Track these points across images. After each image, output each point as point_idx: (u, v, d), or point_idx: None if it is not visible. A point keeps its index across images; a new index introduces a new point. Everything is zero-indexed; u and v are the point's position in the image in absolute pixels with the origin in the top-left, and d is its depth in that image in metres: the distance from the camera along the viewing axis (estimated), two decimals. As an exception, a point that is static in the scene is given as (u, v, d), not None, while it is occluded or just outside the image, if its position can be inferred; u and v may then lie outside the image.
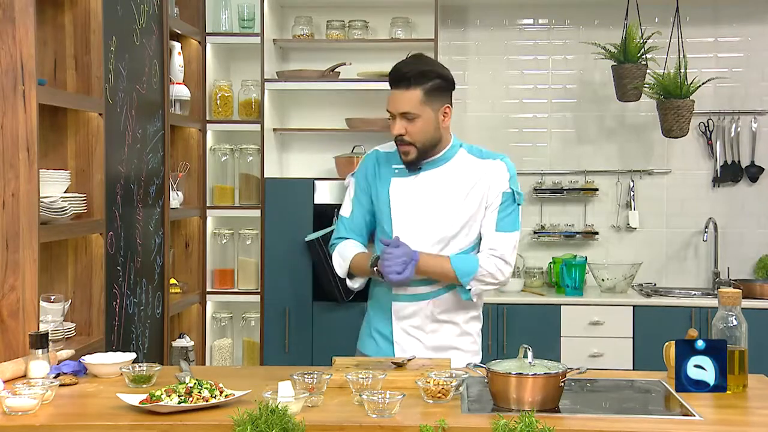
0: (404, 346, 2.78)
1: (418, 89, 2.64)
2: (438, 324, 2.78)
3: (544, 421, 1.99)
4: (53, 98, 2.90)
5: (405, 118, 2.65)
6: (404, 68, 2.66)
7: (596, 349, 4.45)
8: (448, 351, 2.78)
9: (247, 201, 4.71)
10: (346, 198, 2.88)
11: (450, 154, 2.76)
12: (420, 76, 2.65)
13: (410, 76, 2.64)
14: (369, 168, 2.82)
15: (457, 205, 2.70)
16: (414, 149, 2.68)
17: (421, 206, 2.72)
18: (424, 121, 2.66)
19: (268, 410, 1.97)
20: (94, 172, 3.17)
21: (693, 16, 4.85)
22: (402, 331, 2.79)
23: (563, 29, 5.00)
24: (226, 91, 4.71)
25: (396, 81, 2.66)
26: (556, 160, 5.00)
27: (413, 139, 2.67)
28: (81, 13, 3.14)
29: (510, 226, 2.71)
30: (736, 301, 2.46)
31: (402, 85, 2.65)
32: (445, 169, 2.74)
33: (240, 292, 4.68)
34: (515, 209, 2.73)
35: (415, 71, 2.65)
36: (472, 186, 2.71)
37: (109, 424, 2.11)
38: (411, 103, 2.64)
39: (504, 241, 2.69)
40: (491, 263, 2.68)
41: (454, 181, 2.72)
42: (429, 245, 2.71)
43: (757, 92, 4.91)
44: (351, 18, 4.76)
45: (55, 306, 2.92)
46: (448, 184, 2.72)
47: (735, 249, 4.91)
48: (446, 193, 2.72)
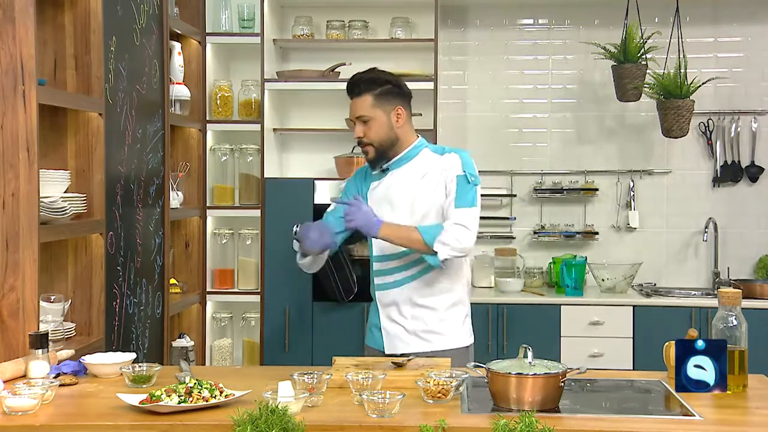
0: (390, 332, 3.00)
1: (368, 95, 2.97)
2: (418, 309, 2.97)
3: (544, 421, 1.99)
4: (53, 98, 2.90)
5: (361, 122, 2.98)
6: (355, 78, 3.02)
7: (596, 349, 4.45)
8: (431, 335, 2.97)
9: (247, 201, 4.71)
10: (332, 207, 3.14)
11: (413, 153, 3.03)
12: (369, 83, 2.98)
13: (360, 84, 2.99)
14: (358, 176, 3.16)
15: (422, 197, 2.95)
16: (372, 148, 2.98)
17: (392, 201, 2.99)
18: (377, 123, 2.97)
19: (268, 410, 1.97)
20: (94, 172, 3.17)
21: (693, 16, 4.85)
22: (387, 318, 3.02)
23: (563, 29, 5.00)
24: (226, 91, 4.71)
25: (349, 90, 3.01)
26: (556, 160, 5.00)
27: (370, 140, 2.97)
28: (81, 13, 3.14)
29: (468, 203, 2.89)
30: (736, 301, 2.47)
31: (354, 93, 2.99)
32: (409, 166, 3.01)
33: (240, 292, 4.69)
34: (471, 188, 2.91)
35: (364, 79, 2.99)
36: (429, 179, 2.96)
37: (109, 424, 2.11)
38: (363, 107, 2.97)
39: (463, 214, 2.87)
40: (454, 229, 2.85)
41: (418, 176, 2.98)
42: None
43: (757, 92, 4.91)
44: (351, 18, 4.76)
45: (55, 306, 2.92)
46: (413, 179, 2.98)
47: (735, 249, 4.91)
48: (412, 188, 2.97)
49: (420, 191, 2.94)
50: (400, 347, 2.97)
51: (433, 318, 2.97)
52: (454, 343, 2.97)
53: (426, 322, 2.96)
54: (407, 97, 3.04)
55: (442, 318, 2.98)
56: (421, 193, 2.94)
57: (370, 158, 3.00)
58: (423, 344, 2.95)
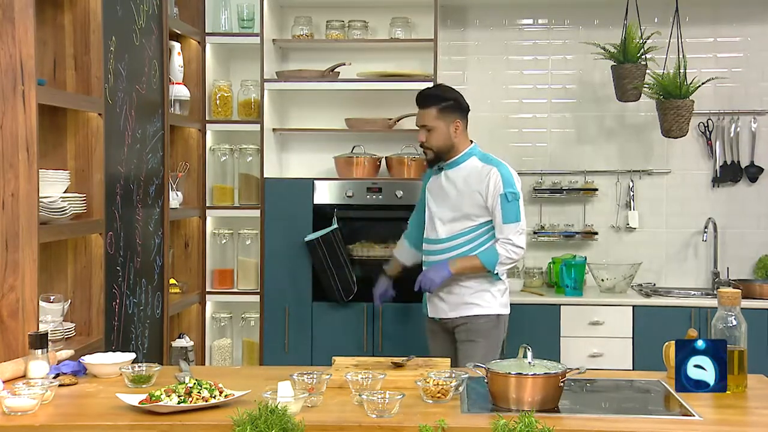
0: (432, 300, 3.65)
1: (433, 108, 3.58)
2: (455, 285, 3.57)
3: (543, 421, 1.99)
4: (53, 98, 2.90)
5: (425, 129, 3.60)
6: (425, 92, 3.66)
7: (596, 349, 4.45)
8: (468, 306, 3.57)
9: (247, 201, 4.71)
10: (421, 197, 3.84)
11: (464, 158, 3.62)
12: (435, 98, 3.61)
13: (429, 98, 3.62)
14: (426, 173, 3.81)
15: (459, 197, 3.59)
16: (431, 152, 3.63)
17: (441, 195, 3.64)
18: (438, 132, 3.59)
19: (267, 410, 1.97)
20: (93, 172, 3.17)
21: (692, 16, 4.85)
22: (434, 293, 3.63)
23: (563, 29, 5.00)
24: (225, 91, 4.71)
25: (418, 102, 3.64)
26: (555, 160, 5.00)
27: (430, 145, 3.61)
28: (80, 13, 3.14)
29: (513, 218, 3.53)
30: (736, 302, 2.47)
31: (422, 104, 3.62)
32: (459, 169, 3.62)
33: (239, 292, 4.68)
34: (513, 204, 3.53)
35: (432, 94, 3.64)
36: (471, 185, 3.58)
37: (108, 424, 2.11)
38: (429, 118, 3.59)
39: (509, 229, 3.52)
40: (505, 248, 3.52)
41: (461, 179, 3.60)
42: (440, 224, 3.61)
43: (757, 92, 4.91)
44: (350, 18, 4.76)
45: (55, 306, 2.92)
46: (457, 181, 3.61)
47: (734, 249, 4.91)
48: (454, 188, 3.60)
49: (463, 194, 3.57)
50: (438, 313, 3.63)
51: (466, 294, 3.57)
52: (483, 310, 3.56)
53: (459, 297, 3.57)
54: (465, 111, 3.64)
55: (474, 291, 3.57)
56: (464, 196, 3.56)
57: (428, 159, 3.65)
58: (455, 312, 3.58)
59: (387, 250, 4.47)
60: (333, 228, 4.38)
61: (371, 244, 4.49)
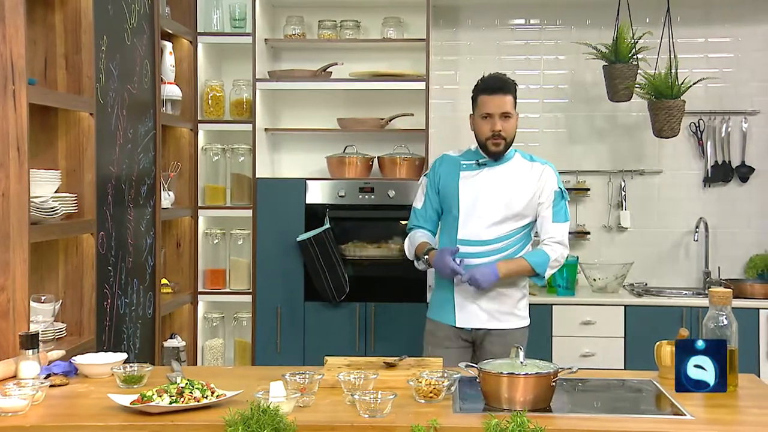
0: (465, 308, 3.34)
1: (511, 95, 3.34)
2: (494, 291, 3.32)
3: (535, 420, 1.99)
4: (44, 98, 2.89)
5: (503, 117, 3.31)
6: (502, 77, 3.37)
7: (588, 349, 4.46)
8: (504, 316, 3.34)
9: (239, 201, 4.70)
10: (419, 193, 3.52)
11: (510, 155, 3.41)
12: (512, 85, 3.37)
13: (508, 83, 3.35)
14: (438, 167, 3.47)
15: (513, 196, 3.33)
16: (504, 143, 3.34)
17: (483, 194, 3.34)
18: (514, 121, 3.36)
19: (259, 410, 1.97)
20: (84, 172, 3.16)
21: (684, 17, 4.86)
22: (463, 296, 3.34)
23: (555, 29, 5.00)
24: (217, 90, 4.71)
25: (498, 87, 3.32)
26: (547, 159, 4.99)
27: (507, 134, 3.33)
28: (71, 13, 3.12)
29: (563, 218, 3.37)
30: (727, 301, 2.47)
31: (503, 90, 3.32)
32: (504, 167, 3.39)
33: (232, 292, 4.68)
34: (564, 204, 3.39)
35: (509, 80, 3.37)
36: (524, 183, 3.36)
37: (100, 425, 2.10)
38: (509, 105, 3.33)
39: (560, 230, 3.35)
40: (555, 250, 3.33)
41: (511, 177, 3.37)
42: (486, 225, 3.32)
43: (748, 92, 4.93)
44: (343, 18, 4.76)
45: (46, 306, 2.91)
46: (507, 179, 3.36)
47: (726, 249, 4.93)
48: (504, 186, 3.35)
49: (517, 192, 3.33)
50: (472, 323, 3.34)
51: (508, 301, 3.35)
52: (519, 323, 3.38)
53: (502, 303, 3.34)
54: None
55: (515, 300, 3.37)
56: (518, 195, 3.33)
57: (499, 150, 3.33)
58: (493, 323, 3.33)
59: (379, 250, 4.47)
60: (325, 228, 4.38)
61: (363, 244, 4.49)
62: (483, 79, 3.39)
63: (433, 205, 3.46)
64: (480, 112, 3.33)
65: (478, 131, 3.36)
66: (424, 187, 3.50)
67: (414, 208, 3.52)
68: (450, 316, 3.37)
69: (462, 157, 3.45)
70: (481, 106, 3.33)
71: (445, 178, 3.42)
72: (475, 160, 3.39)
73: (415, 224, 3.51)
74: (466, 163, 3.41)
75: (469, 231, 3.32)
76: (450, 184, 3.40)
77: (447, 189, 3.41)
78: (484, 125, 3.32)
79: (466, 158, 3.43)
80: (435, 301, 3.48)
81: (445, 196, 3.42)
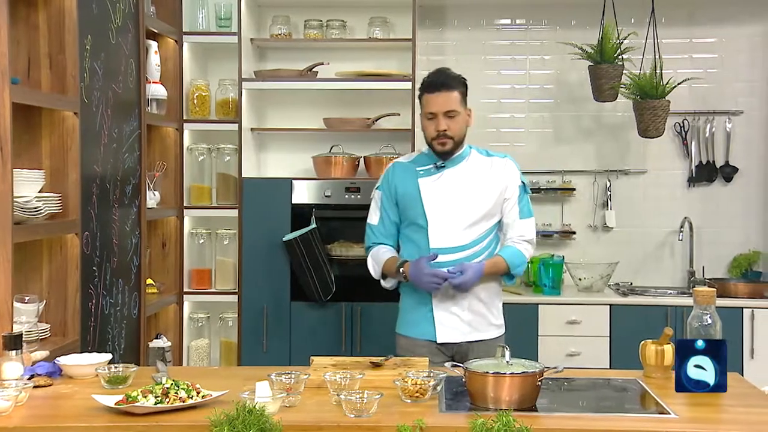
0: (444, 322, 3.16)
1: (457, 91, 3.14)
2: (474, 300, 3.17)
3: (521, 420, 1.99)
4: (27, 97, 2.87)
5: (448, 116, 3.12)
6: (443, 73, 3.17)
7: (573, 348, 4.48)
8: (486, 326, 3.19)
9: (225, 201, 4.69)
10: (373, 207, 3.32)
11: (466, 153, 3.23)
12: (457, 81, 3.17)
13: (451, 80, 3.15)
14: (392, 178, 3.26)
15: (480, 195, 3.17)
16: (452, 142, 3.14)
17: (449, 198, 3.16)
18: (461, 119, 3.16)
19: (245, 410, 1.97)
20: (69, 171, 3.14)
21: (668, 17, 4.89)
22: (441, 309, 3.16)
23: (540, 29, 5.02)
24: (203, 90, 4.69)
25: (440, 84, 3.12)
26: (533, 159, 5.01)
27: (453, 134, 3.13)
28: (55, 12, 3.10)
29: (529, 213, 3.24)
30: (711, 300, 2.49)
31: (446, 87, 3.12)
32: (463, 166, 3.21)
33: (217, 292, 4.66)
34: (527, 199, 3.25)
35: (452, 76, 3.17)
36: (489, 179, 3.19)
37: (84, 426, 2.09)
38: (454, 102, 3.12)
39: (528, 227, 3.23)
40: (528, 249, 3.23)
41: (474, 176, 3.19)
42: (459, 230, 3.14)
43: (731, 93, 4.96)
44: (329, 17, 4.75)
45: (30, 307, 2.89)
46: (469, 178, 3.19)
47: (710, 248, 4.96)
48: (469, 186, 3.17)
49: (483, 191, 3.17)
50: (454, 337, 3.16)
51: (489, 308, 3.21)
52: (499, 331, 3.25)
53: (482, 313, 3.19)
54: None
55: (495, 308, 3.24)
56: (485, 193, 3.17)
57: (446, 150, 3.14)
58: (475, 334, 3.17)
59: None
60: (311, 228, 4.38)
61: (349, 243, 4.48)
62: (426, 76, 3.19)
63: (391, 219, 3.25)
64: (425, 112, 3.15)
65: (425, 131, 3.17)
66: (378, 200, 3.28)
67: (369, 225, 3.30)
68: (429, 330, 3.16)
69: (415, 162, 3.24)
70: (425, 105, 3.14)
71: (403, 187, 3.20)
72: (432, 164, 3.19)
73: (375, 241, 3.29)
74: (422, 168, 3.20)
75: (441, 239, 3.12)
76: (409, 193, 3.19)
77: (407, 199, 3.19)
78: (430, 125, 3.13)
79: (421, 163, 3.22)
80: (408, 315, 3.24)
81: (407, 207, 3.20)
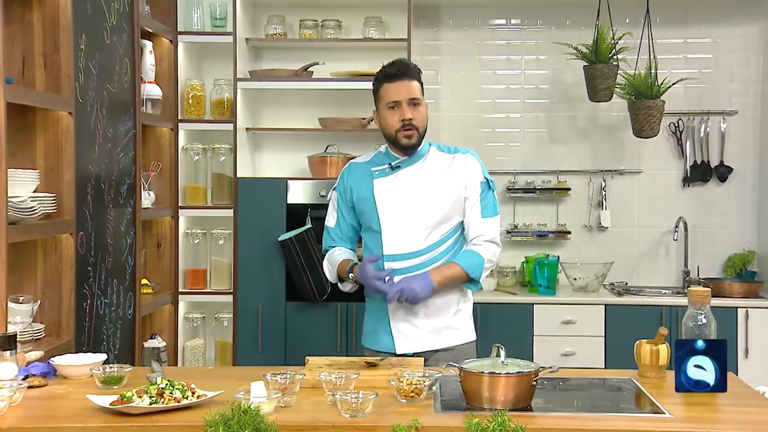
0: (403, 331, 2.95)
1: (417, 81, 2.94)
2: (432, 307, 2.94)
3: (516, 419, 1.99)
4: (21, 97, 2.86)
5: (412, 104, 2.92)
6: (404, 62, 2.99)
7: (568, 348, 4.48)
8: (446, 331, 2.96)
9: (220, 201, 4.68)
10: (330, 209, 3.11)
11: (423, 151, 3.01)
12: (417, 70, 2.97)
13: (411, 68, 2.95)
14: (347, 179, 3.05)
15: (438, 196, 2.94)
16: (417, 134, 2.93)
17: (405, 200, 2.94)
18: (424, 109, 2.96)
19: (240, 410, 1.96)
20: (63, 171, 3.14)
21: (663, 18, 4.89)
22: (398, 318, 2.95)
23: (536, 30, 5.02)
24: (198, 90, 4.68)
25: (402, 73, 2.92)
26: (528, 159, 5.02)
27: (418, 124, 2.93)
28: (50, 11, 3.10)
29: (492, 211, 2.98)
30: (706, 300, 2.49)
31: (408, 75, 2.92)
32: (421, 165, 2.99)
33: (212, 292, 4.66)
34: (492, 195, 2.99)
35: (412, 65, 2.98)
36: (448, 178, 2.96)
37: (79, 426, 2.09)
38: (417, 90, 2.93)
39: (490, 226, 2.96)
40: (487, 249, 2.94)
41: (432, 175, 2.96)
42: (416, 233, 2.93)
43: (726, 93, 4.97)
44: (324, 17, 4.75)
45: (24, 307, 2.88)
46: (427, 178, 2.96)
47: (705, 248, 4.97)
48: (426, 187, 2.95)
49: (441, 191, 2.93)
50: (413, 347, 2.93)
51: (447, 314, 2.97)
52: (465, 337, 3.00)
53: (440, 319, 2.95)
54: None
55: (453, 312, 2.98)
56: (443, 194, 2.93)
57: (412, 143, 2.93)
58: (438, 341, 2.94)
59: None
60: (306, 228, 4.38)
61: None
62: (383, 67, 2.97)
63: (347, 221, 3.05)
64: (385, 103, 2.91)
65: (386, 125, 2.93)
66: (334, 202, 3.08)
67: (326, 227, 3.11)
68: (388, 342, 2.95)
69: (371, 163, 3.03)
70: (386, 95, 2.91)
71: (357, 189, 3.00)
72: (387, 164, 2.97)
73: (331, 244, 3.09)
74: (377, 169, 2.98)
75: (396, 245, 2.92)
76: (364, 195, 2.98)
77: (362, 202, 2.99)
78: (392, 116, 2.90)
79: (377, 163, 3.00)
80: (369, 326, 3.05)
81: (362, 210, 3.00)
